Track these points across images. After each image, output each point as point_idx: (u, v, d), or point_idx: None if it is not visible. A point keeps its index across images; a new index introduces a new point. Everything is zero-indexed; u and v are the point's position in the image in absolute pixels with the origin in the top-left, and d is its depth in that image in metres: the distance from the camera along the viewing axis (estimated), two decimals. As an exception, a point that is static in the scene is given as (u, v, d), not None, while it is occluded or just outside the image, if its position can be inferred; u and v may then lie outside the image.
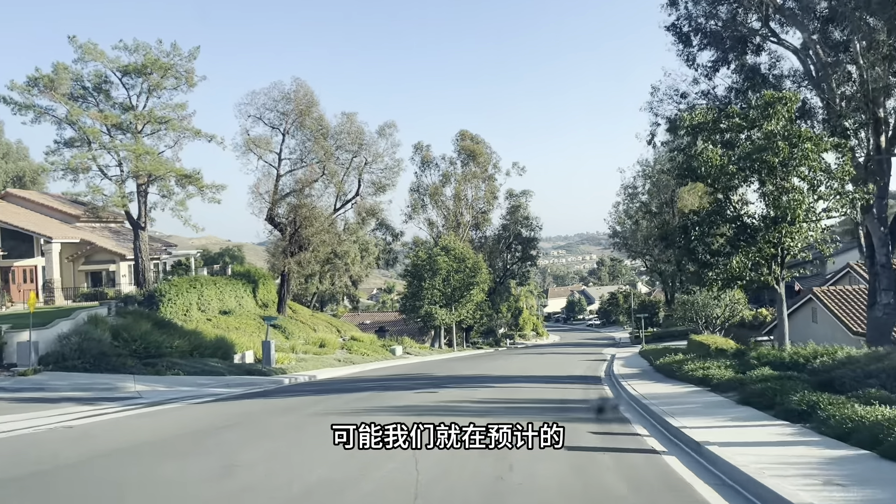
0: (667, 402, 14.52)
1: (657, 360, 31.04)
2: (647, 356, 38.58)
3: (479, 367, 33.56)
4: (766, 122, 17.92)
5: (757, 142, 18.28)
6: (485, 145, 70.58)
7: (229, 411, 16.22)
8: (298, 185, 44.84)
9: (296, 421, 13.74)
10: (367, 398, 18.36)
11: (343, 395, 19.88)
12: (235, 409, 16.86)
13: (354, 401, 17.59)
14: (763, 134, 18.05)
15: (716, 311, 47.01)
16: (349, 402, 17.45)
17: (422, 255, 58.94)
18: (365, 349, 45.63)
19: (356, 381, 27.57)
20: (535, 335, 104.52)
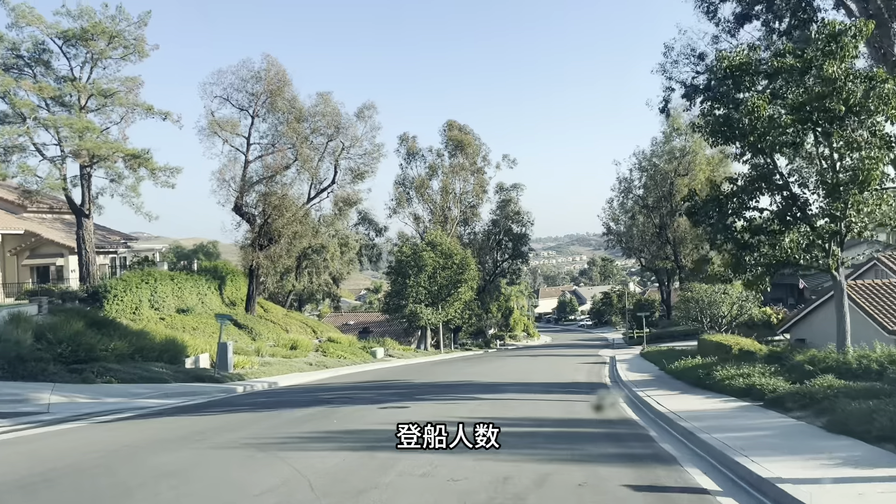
0: (718, 427, 10.32)
1: (669, 363, 26.93)
2: (652, 359, 34.44)
3: (466, 372, 29.34)
4: (828, 60, 13.78)
5: (814, 88, 14.11)
6: (473, 136, 66.35)
7: (126, 438, 11.91)
8: (268, 172, 40.43)
9: (190, 460, 9.44)
10: (317, 416, 14.10)
11: (292, 410, 15.58)
12: (138, 434, 12.55)
13: (296, 421, 13.33)
14: (823, 77, 13.86)
15: (722, 308, 42.92)
16: (289, 423, 13.18)
17: (406, 250, 54.64)
18: (342, 352, 41.29)
19: (320, 389, 23.28)
20: (526, 336, 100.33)
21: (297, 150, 38.86)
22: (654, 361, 31.90)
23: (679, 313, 45.63)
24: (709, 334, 34.96)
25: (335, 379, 28.59)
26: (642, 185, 67.38)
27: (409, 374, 28.94)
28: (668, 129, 63.23)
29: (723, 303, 42.83)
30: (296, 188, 41.39)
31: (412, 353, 51.04)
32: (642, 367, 29.21)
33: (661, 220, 65.40)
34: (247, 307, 41.17)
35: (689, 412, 12.50)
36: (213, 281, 41.00)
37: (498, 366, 34.94)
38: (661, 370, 26.10)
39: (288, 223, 39.26)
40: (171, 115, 32.98)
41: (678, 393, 16.70)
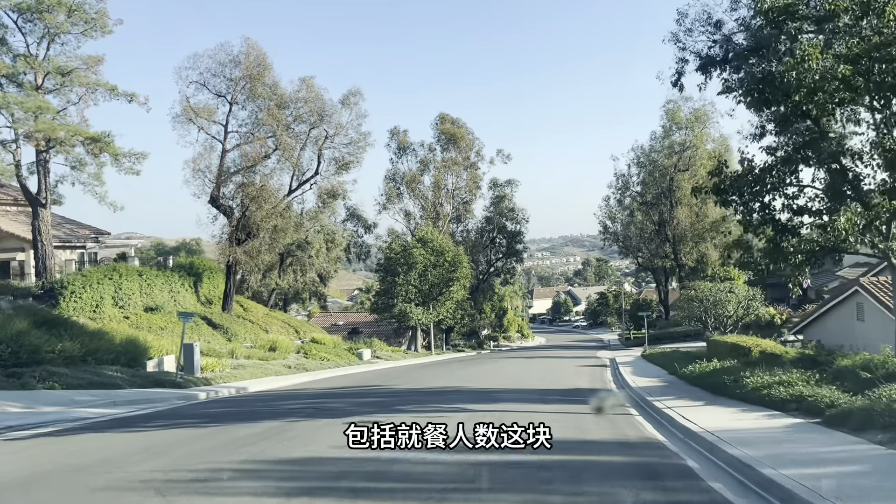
0: (782, 457, 7.62)
1: (680, 367, 24.29)
2: (656, 361, 31.77)
3: (456, 376, 26.61)
4: (891, 2, 11.14)
5: (874, 37, 11.44)
6: (466, 130, 63.61)
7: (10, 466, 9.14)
8: (247, 162, 37.64)
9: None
10: (266, 435, 11.36)
11: (242, 425, 12.83)
12: (26, 461, 9.78)
13: (237, 443, 10.56)
14: (885, 23, 11.19)
15: (728, 308, 40.27)
16: (226, 445, 10.42)
17: (395, 247, 51.90)
18: (325, 353, 38.47)
19: (289, 396, 20.53)
20: (520, 337, 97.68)
21: (278, 139, 36.11)
22: (660, 364, 29.23)
23: (682, 313, 42.97)
24: (717, 335, 32.36)
25: (312, 384, 25.82)
26: (641, 182, 64.82)
27: (394, 379, 26.19)
28: (667, 122, 60.74)
29: (728, 302, 40.19)
30: (276, 179, 38.70)
31: (401, 355, 48.29)
32: (648, 371, 26.52)
33: (661, 217, 62.84)
34: (224, 306, 38.37)
35: (731, 432, 9.79)
36: (188, 278, 38.19)
37: (491, 368, 32.24)
38: (672, 374, 23.42)
39: (267, 216, 36.47)
40: (136, 96, 30.22)
41: (703, 404, 14.02)
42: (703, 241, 59.97)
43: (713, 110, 60.00)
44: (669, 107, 60.54)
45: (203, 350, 30.85)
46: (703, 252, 60.18)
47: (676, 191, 60.09)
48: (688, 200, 59.66)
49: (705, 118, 59.81)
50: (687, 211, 59.57)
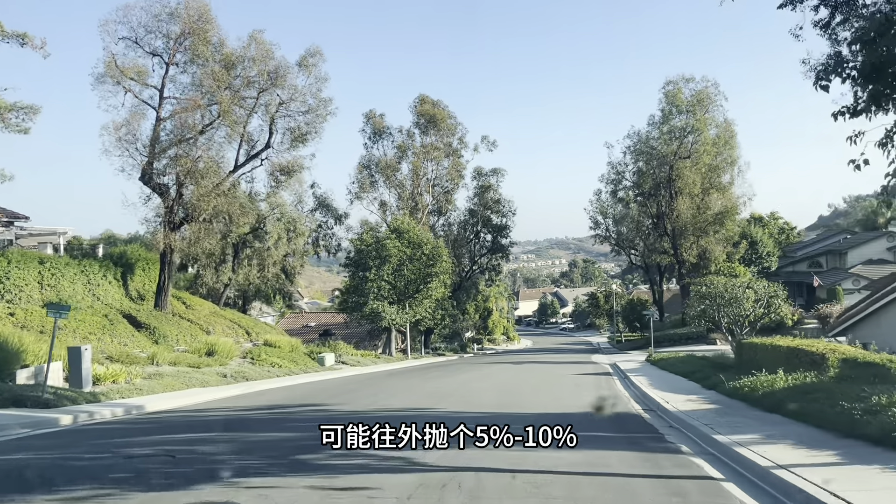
0: None
1: (713, 378, 18.27)
2: (673, 369, 25.62)
3: (425, 390, 20.39)
4: None
5: None
6: (449, 114, 57.43)
7: None
8: (185, 132, 31.23)
9: None
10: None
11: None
12: None
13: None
14: None
15: (745, 306, 34.25)
16: None
17: (366, 238, 45.57)
18: (278, 358, 32.07)
19: (188, 422, 14.20)
20: (505, 339, 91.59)
21: (220, 103, 29.72)
22: (681, 374, 23.08)
23: (691, 311, 36.78)
24: (745, 338, 26.40)
25: (236, 400, 19.46)
26: (637, 171, 58.84)
27: (345, 393, 19.89)
28: (666, 106, 54.83)
29: (746, 299, 34.22)
30: (220, 153, 32.24)
31: (372, 360, 41.92)
32: (672, 384, 20.37)
33: (659, 210, 56.91)
34: (156, 302, 31.88)
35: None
36: (115, 268, 31.68)
37: (471, 378, 25.98)
38: (711, 389, 17.24)
39: (206, 195, 30.04)
40: (30, 38, 23.68)
41: (836, 456, 7.87)
42: (705, 236, 54.08)
43: (716, 92, 54.35)
44: (669, 89, 54.75)
45: (114, 355, 24.48)
46: (705, 247, 54.29)
47: (677, 180, 54.21)
48: (689, 190, 53.86)
49: (708, 101, 54.07)
50: (688, 202, 53.71)
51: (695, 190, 53.62)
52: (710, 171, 54.04)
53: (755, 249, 59.43)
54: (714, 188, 54.20)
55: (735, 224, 54.55)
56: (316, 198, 52.46)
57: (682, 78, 54.18)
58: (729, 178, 55.40)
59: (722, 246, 54.10)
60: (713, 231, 53.80)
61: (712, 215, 53.60)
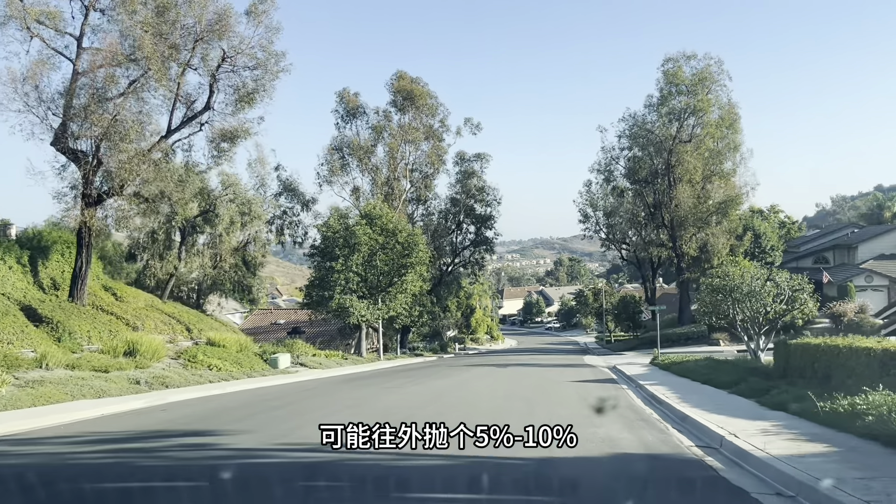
0: None
1: (757, 390, 13.18)
2: (697, 376, 20.34)
3: (381, 406, 15.01)
4: None
5: None
6: (429, 93, 52.06)
7: None
8: (110, 89, 25.61)
9: None
10: None
11: None
12: None
13: None
14: None
15: (766, 300, 29.18)
16: None
17: (333, 224, 40.05)
18: (219, 360, 26.53)
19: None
20: (489, 339, 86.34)
21: (145, 52, 24.11)
22: (712, 383, 17.82)
23: (703, 308, 31.66)
24: (801, 338, 21.26)
25: (120, 420, 13.95)
26: (632, 157, 53.72)
27: (268, 411, 14.44)
28: (665, 86, 49.75)
29: (767, 293, 29.14)
30: (153, 116, 26.57)
31: (338, 361, 36.43)
32: (710, 399, 15.09)
33: (656, 198, 51.85)
34: (71, 292, 26.23)
35: None
36: (20, 251, 26.09)
37: (444, 388, 20.56)
38: (779, 409, 12.00)
39: (129, 162, 24.46)
40: None
41: None
42: (706, 227, 49.06)
43: (719, 70, 49.36)
44: (668, 67, 49.67)
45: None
46: (707, 239, 49.28)
47: (677, 166, 49.17)
48: (690, 177, 48.84)
49: (710, 80, 49.06)
50: (689, 190, 48.68)
51: (696, 177, 48.64)
52: (712, 156, 49.08)
53: (758, 243, 54.60)
54: (716, 175, 49.24)
55: (739, 214, 49.60)
56: (281, 181, 47.06)
57: (682, 55, 49.24)
58: (731, 165, 50.48)
59: (725, 238, 49.13)
60: (715, 222, 48.82)
61: (715, 204, 48.64)
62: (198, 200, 36.49)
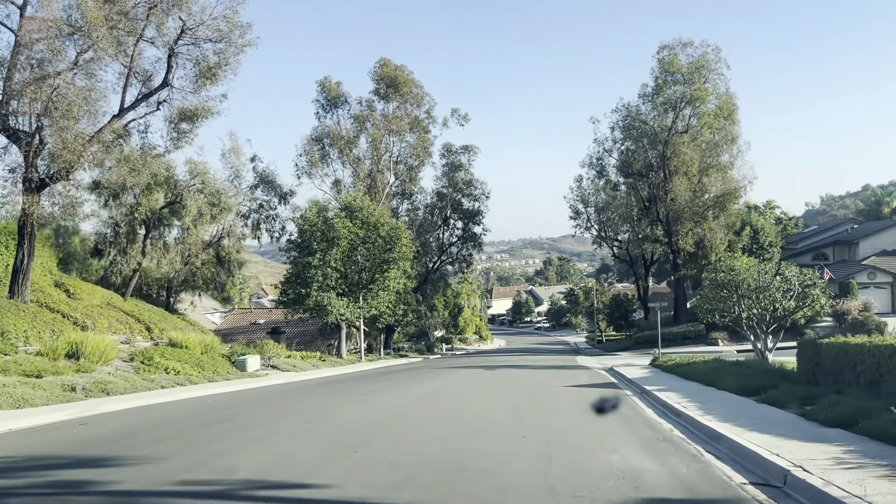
0: None
1: (785, 395, 10.67)
2: (715, 380, 17.68)
3: (342, 420, 12.38)
4: None
5: None
6: (415, 82, 49.34)
7: None
8: (57, 63, 22.80)
9: None
10: None
11: None
12: None
13: None
14: None
15: (776, 296, 26.81)
16: None
17: (311, 216, 37.30)
18: (179, 362, 23.76)
19: None
20: (478, 339, 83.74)
21: (89, 18, 21.30)
22: (732, 389, 15.30)
23: (706, 305, 29.23)
24: (835, 337, 18.85)
25: (25, 437, 11.28)
26: (625, 150, 51.22)
27: (206, 426, 11.73)
28: (660, 74, 47.30)
29: (777, 289, 26.71)
30: (104, 94, 23.72)
31: (314, 364, 33.67)
32: (741, 411, 12.48)
33: (651, 192, 49.40)
34: (11, 287, 23.39)
35: None
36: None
37: (420, 395, 17.85)
38: (836, 426, 9.47)
39: (75, 143, 21.64)
40: None
41: None
42: (703, 221, 46.64)
43: (717, 58, 46.98)
44: (664, 55, 47.24)
45: None
46: (704, 234, 46.87)
47: (673, 158, 46.71)
48: (686, 169, 46.42)
49: (707, 69, 46.67)
50: (685, 183, 46.24)
51: (692, 169, 46.22)
52: (710, 148, 46.69)
53: (755, 239, 52.28)
54: (713, 168, 46.83)
55: (737, 208, 47.21)
56: (257, 173, 44.19)
57: (678, 42, 46.78)
58: (728, 157, 48.07)
59: (723, 233, 46.74)
60: (712, 216, 46.38)
61: (712, 198, 46.23)
62: (163, 190, 33.68)
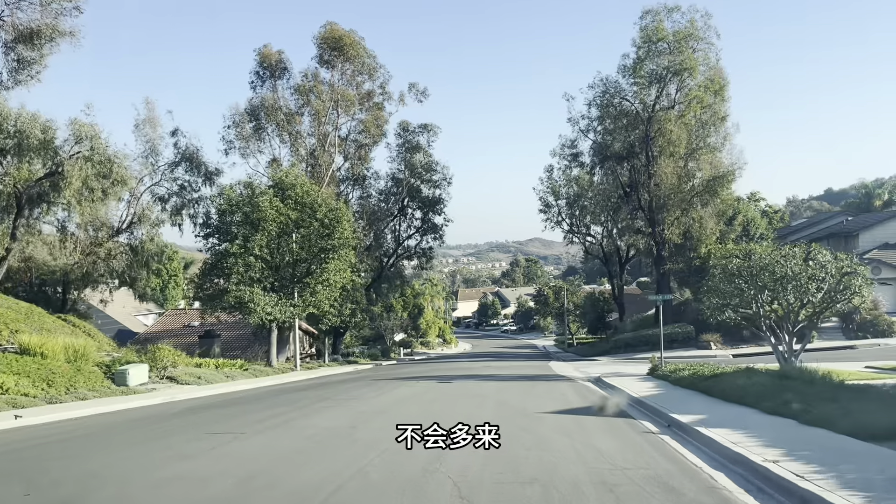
0: None
1: None
2: (765, 399, 11.69)
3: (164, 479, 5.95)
4: None
5: None
6: (366, 52, 42.78)
7: None
8: None
9: None
10: None
11: None
12: None
13: None
14: None
15: (808, 287, 20.89)
16: None
17: (230, 194, 30.52)
18: (18, 374, 17.14)
19: None
20: (441, 342, 77.40)
21: None
22: (844, 429, 9.30)
23: (714, 299, 23.13)
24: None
25: None
26: (603, 130, 45.35)
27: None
28: (642, 43, 41.55)
29: (810, 278, 20.84)
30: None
31: (230, 373, 26.86)
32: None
33: (632, 177, 43.65)
34: None
35: None
36: None
37: (313, 439, 11.44)
38: None
39: None
40: None
41: None
42: (692, 209, 41.01)
43: (706, 25, 41.46)
44: (647, 22, 41.55)
45: None
46: (692, 223, 41.23)
47: (657, 137, 41.04)
48: (673, 150, 40.78)
49: (695, 38, 41.12)
50: (671, 165, 40.57)
51: (679, 150, 40.58)
52: (698, 127, 41.13)
53: (746, 231, 46.95)
54: (702, 149, 41.25)
55: (729, 194, 41.61)
56: (178, 149, 37.16)
57: (664, 7, 41.15)
58: (717, 139, 42.53)
59: (714, 221, 41.16)
60: (702, 203, 40.74)
61: (703, 181, 40.59)
62: (41, 158, 26.63)
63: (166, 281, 73.20)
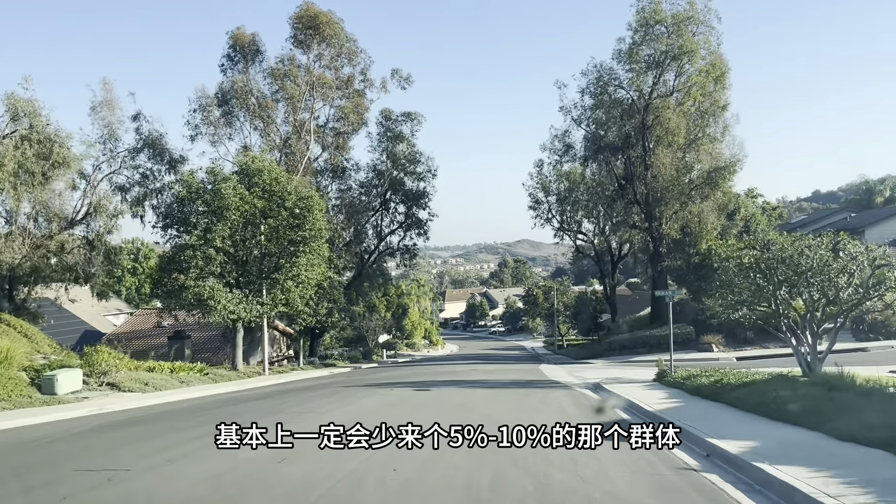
0: None
1: None
2: (823, 419, 8.91)
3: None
4: None
5: None
6: (347, 36, 39.81)
7: None
8: None
9: None
10: None
11: None
12: None
13: None
14: None
15: (838, 281, 18.01)
16: None
17: (190, 180, 27.45)
18: None
19: None
20: (428, 344, 74.51)
21: None
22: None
23: (731, 298, 20.18)
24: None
25: None
26: (597, 119, 42.59)
27: None
28: (638, 27, 38.86)
29: (840, 271, 18.01)
30: None
31: (185, 378, 23.73)
32: None
33: (628, 169, 40.91)
34: None
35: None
36: None
37: (207, 476, 8.53)
38: None
39: None
40: None
41: None
42: (691, 202, 38.34)
43: (706, 8, 38.83)
44: (644, 4, 38.90)
45: None
46: (690, 218, 38.55)
47: (655, 126, 38.34)
48: (672, 139, 38.10)
49: (695, 21, 38.48)
50: (670, 155, 37.89)
51: (678, 139, 37.92)
52: (698, 115, 38.49)
53: (748, 227, 44.34)
54: (702, 139, 38.61)
55: (731, 186, 38.96)
56: (140, 135, 34.03)
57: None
58: (717, 128, 39.92)
59: (716, 215, 38.50)
60: (701, 196, 38.06)
61: (703, 173, 37.92)
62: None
63: (143, 280, 69.69)
